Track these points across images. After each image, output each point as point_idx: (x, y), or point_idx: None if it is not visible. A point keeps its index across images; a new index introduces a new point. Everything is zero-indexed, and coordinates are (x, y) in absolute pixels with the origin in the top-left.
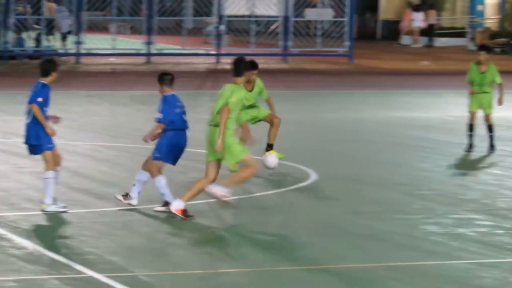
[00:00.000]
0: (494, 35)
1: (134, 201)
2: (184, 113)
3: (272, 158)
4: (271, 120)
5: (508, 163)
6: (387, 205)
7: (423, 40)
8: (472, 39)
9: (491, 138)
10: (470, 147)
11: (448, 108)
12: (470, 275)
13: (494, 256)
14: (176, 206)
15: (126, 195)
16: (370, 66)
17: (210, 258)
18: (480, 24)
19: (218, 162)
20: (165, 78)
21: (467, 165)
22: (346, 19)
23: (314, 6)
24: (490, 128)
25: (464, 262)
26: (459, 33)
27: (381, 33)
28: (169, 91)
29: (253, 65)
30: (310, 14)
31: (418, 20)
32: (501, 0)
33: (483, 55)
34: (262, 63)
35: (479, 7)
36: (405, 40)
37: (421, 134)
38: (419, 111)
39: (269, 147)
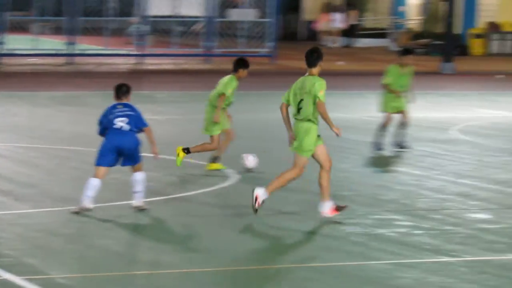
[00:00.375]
0: (416, 36)
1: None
2: (122, 116)
3: (252, 158)
4: (227, 133)
5: (427, 164)
6: (307, 205)
7: (344, 41)
8: (395, 40)
9: (404, 135)
10: (380, 145)
11: (368, 108)
12: (389, 275)
13: (413, 257)
14: (326, 208)
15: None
16: (292, 67)
17: (128, 261)
18: (402, 25)
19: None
20: (117, 90)
21: (386, 165)
22: (269, 19)
23: (237, 6)
24: (404, 125)
25: (383, 262)
26: (382, 34)
27: (304, 33)
28: (123, 101)
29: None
30: (234, 14)
31: (338, 21)
32: (424, 1)
33: (411, 59)
34: (185, 63)
35: (401, 8)
36: (326, 41)
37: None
38: (340, 112)
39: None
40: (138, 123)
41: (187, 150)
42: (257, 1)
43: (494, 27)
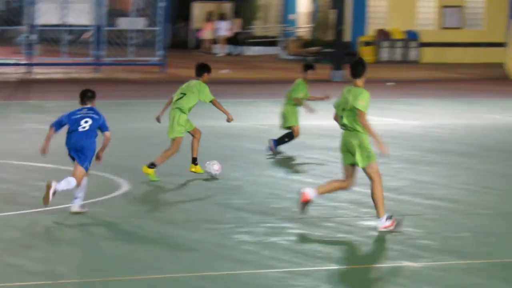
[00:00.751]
0: (306, 44)
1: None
2: (84, 117)
3: (216, 166)
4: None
5: (319, 172)
6: (198, 214)
7: (230, 49)
8: (285, 47)
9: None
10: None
11: (260, 117)
12: (282, 283)
13: (305, 265)
14: (307, 192)
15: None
16: (182, 75)
17: (20, 271)
18: (292, 33)
19: (353, 166)
20: (82, 95)
21: (278, 173)
22: (158, 28)
23: (126, 15)
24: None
25: (275, 270)
26: (272, 42)
27: (193, 42)
28: (88, 106)
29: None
30: (123, 23)
31: (223, 29)
32: (313, 9)
33: (312, 74)
34: (74, 72)
35: (291, 16)
36: (213, 49)
37: (233, 143)
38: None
39: (194, 160)
40: (99, 126)
41: (152, 165)
42: (147, 10)
43: (383, 35)
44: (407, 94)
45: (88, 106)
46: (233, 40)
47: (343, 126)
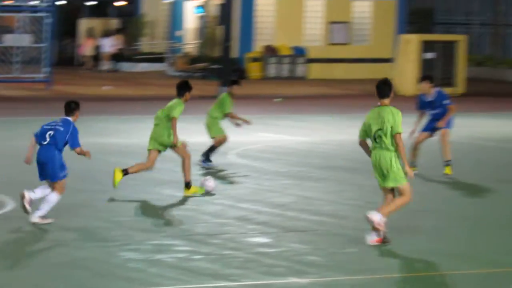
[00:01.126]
0: (193, 60)
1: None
2: (50, 130)
3: (211, 182)
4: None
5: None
6: (84, 232)
7: (114, 65)
8: (172, 64)
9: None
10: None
11: (146, 133)
12: None
13: (192, 282)
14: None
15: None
16: (68, 92)
17: None
18: (179, 49)
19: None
20: (66, 107)
21: (165, 191)
22: (44, 44)
23: (12, 32)
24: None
25: None
26: (159, 58)
27: (80, 59)
28: (69, 117)
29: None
30: (8, 40)
31: (107, 45)
32: (201, 26)
33: (238, 89)
34: None
35: (178, 33)
36: (101, 65)
37: (119, 160)
38: (119, 137)
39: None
40: (63, 140)
41: (188, 184)
42: (32, 26)
43: (270, 51)
44: (294, 110)
45: (67, 117)
46: (118, 57)
47: (382, 146)
